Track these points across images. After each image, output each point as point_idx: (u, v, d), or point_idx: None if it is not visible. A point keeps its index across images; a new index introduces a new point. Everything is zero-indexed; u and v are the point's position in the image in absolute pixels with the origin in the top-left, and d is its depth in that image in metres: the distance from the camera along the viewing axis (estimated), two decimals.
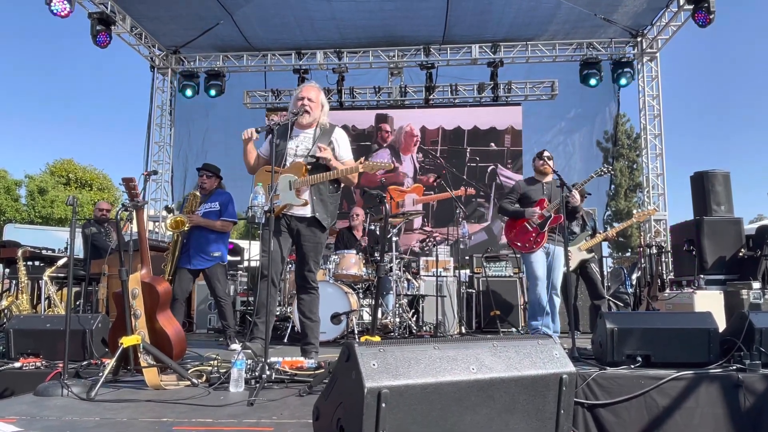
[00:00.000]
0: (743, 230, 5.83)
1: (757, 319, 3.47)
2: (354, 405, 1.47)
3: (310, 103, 3.66)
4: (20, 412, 2.36)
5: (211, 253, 4.86)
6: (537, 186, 4.92)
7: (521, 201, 4.91)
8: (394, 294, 5.73)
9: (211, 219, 4.86)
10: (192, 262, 4.81)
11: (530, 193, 4.88)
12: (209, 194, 4.99)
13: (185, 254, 4.83)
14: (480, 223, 9.71)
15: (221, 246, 4.95)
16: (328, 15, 8.09)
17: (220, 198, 4.97)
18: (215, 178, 5.08)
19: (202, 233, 4.83)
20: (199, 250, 4.82)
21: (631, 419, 3.24)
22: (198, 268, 4.84)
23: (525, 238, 4.79)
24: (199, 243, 4.83)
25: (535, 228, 4.72)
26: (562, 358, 1.74)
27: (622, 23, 8.31)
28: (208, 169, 5.07)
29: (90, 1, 7.51)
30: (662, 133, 8.58)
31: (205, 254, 4.84)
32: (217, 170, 5.13)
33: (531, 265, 4.73)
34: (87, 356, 3.52)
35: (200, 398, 2.59)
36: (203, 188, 5.01)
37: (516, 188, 5.04)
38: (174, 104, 9.58)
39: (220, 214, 4.90)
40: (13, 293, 5.48)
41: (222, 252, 4.96)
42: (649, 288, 6.42)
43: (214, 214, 4.89)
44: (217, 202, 4.93)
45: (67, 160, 27.74)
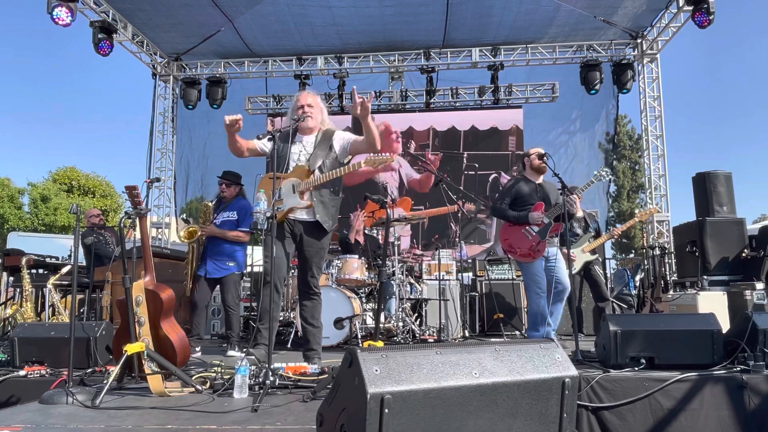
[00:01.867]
0: (746, 231, 5.81)
1: (760, 319, 3.47)
2: (357, 411, 1.48)
3: (311, 109, 3.70)
4: (25, 420, 2.37)
5: (227, 263, 4.86)
6: (530, 187, 4.61)
7: (514, 203, 4.59)
8: (397, 298, 5.73)
9: (228, 228, 4.85)
10: (208, 270, 4.83)
11: (525, 196, 4.57)
12: (229, 202, 4.96)
13: (203, 263, 4.86)
14: (481, 244, 8.43)
15: (237, 255, 4.93)
16: (328, 21, 8.12)
17: (238, 207, 4.93)
18: (235, 186, 5.02)
19: (218, 242, 4.84)
20: (214, 259, 4.83)
21: (635, 422, 3.24)
22: (214, 276, 4.85)
23: (524, 245, 4.50)
24: (215, 252, 4.84)
25: (536, 237, 4.45)
26: (565, 362, 1.75)
27: (621, 25, 8.31)
28: (227, 178, 5.01)
29: (91, 9, 7.55)
30: (664, 134, 8.57)
31: (220, 263, 4.84)
32: (237, 178, 5.07)
33: (531, 275, 4.44)
34: (91, 364, 3.54)
35: (204, 405, 2.60)
36: (223, 197, 4.97)
37: (509, 189, 4.71)
38: (176, 111, 9.61)
39: (237, 224, 4.88)
40: (18, 301, 5.50)
41: (238, 261, 4.93)
42: (653, 289, 6.41)
43: (231, 224, 4.88)
44: (235, 211, 4.90)
45: (69, 168, 27.83)
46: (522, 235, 4.53)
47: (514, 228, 4.59)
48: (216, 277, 4.86)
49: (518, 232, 4.55)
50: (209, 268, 4.83)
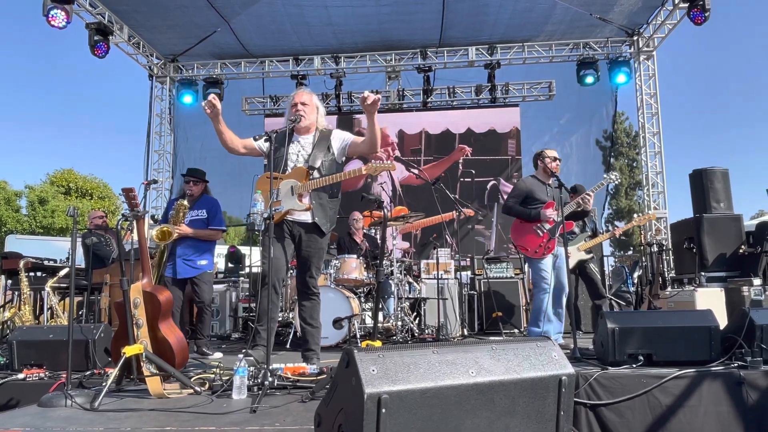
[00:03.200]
0: (743, 227, 5.82)
1: (757, 315, 3.48)
2: (354, 411, 1.48)
3: (305, 108, 3.69)
4: (24, 423, 2.37)
5: (198, 262, 4.71)
6: (542, 187, 4.74)
7: (525, 202, 4.72)
8: (396, 297, 5.74)
9: (198, 227, 4.71)
10: (178, 271, 4.64)
11: (537, 195, 4.69)
12: (195, 200, 4.81)
13: (170, 264, 4.66)
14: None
15: (208, 254, 4.80)
16: (324, 21, 8.11)
17: (207, 205, 4.81)
18: (202, 184, 4.90)
19: (189, 242, 4.67)
20: (185, 259, 4.67)
21: (634, 418, 3.25)
22: (184, 277, 4.68)
23: (535, 243, 4.61)
24: (186, 252, 4.67)
25: (546, 234, 4.57)
26: (561, 360, 1.75)
27: (617, 22, 8.33)
28: (193, 175, 4.88)
29: (87, 11, 7.54)
30: (660, 131, 8.59)
31: (191, 263, 4.68)
32: (202, 175, 4.95)
33: (539, 271, 4.57)
34: (90, 366, 3.54)
35: (203, 406, 2.60)
36: (190, 195, 4.81)
37: (521, 187, 4.83)
38: (173, 112, 9.60)
39: (207, 222, 4.76)
40: (16, 304, 5.49)
41: (209, 260, 4.80)
42: (651, 286, 6.42)
43: (201, 222, 4.74)
44: (204, 209, 4.78)
45: (67, 170, 27.84)
46: (532, 233, 4.65)
47: (524, 225, 4.71)
48: (186, 277, 4.69)
49: (529, 229, 4.67)
50: (179, 268, 4.63)
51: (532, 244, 4.63)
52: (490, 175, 7.76)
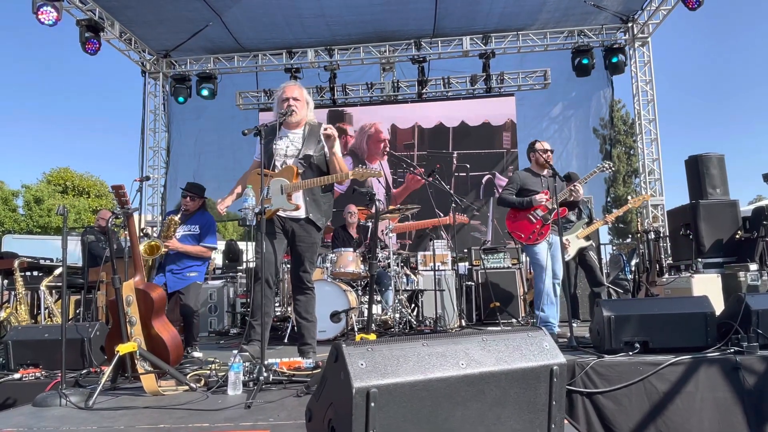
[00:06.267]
0: (739, 212, 5.81)
1: (753, 301, 3.48)
2: (343, 405, 1.47)
3: (296, 103, 3.67)
4: (18, 423, 2.37)
5: (187, 274, 4.59)
6: (537, 179, 4.83)
7: (520, 193, 4.82)
8: (393, 289, 5.73)
9: (189, 242, 4.59)
10: (168, 285, 4.50)
11: (532, 186, 4.79)
12: (191, 215, 4.69)
13: (159, 275, 4.57)
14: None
15: (199, 267, 4.68)
16: (317, 12, 8.05)
17: (201, 221, 4.69)
18: (199, 199, 4.77)
19: (180, 255, 4.57)
20: (175, 271, 4.56)
21: (631, 406, 3.25)
22: (173, 289, 4.53)
23: (529, 229, 4.73)
24: (176, 264, 4.57)
25: (539, 220, 4.69)
26: (552, 350, 1.74)
27: (612, 9, 8.27)
28: (191, 191, 4.74)
29: (77, 8, 7.48)
30: (657, 118, 8.56)
31: (180, 275, 4.57)
32: (201, 191, 4.82)
33: (536, 256, 4.69)
34: (86, 365, 3.54)
35: (198, 403, 2.60)
36: (186, 210, 4.67)
37: (515, 179, 4.92)
38: (167, 108, 9.56)
39: (199, 238, 4.65)
40: (12, 304, 5.48)
41: (199, 272, 4.68)
42: (648, 273, 6.42)
43: (193, 238, 4.63)
44: (198, 225, 4.66)
45: (63, 169, 27.78)
46: (526, 220, 4.76)
47: (519, 213, 4.82)
48: (176, 290, 4.55)
49: (523, 217, 4.78)
50: (168, 282, 4.52)
51: (526, 231, 4.74)
52: (485, 168, 7.61)
